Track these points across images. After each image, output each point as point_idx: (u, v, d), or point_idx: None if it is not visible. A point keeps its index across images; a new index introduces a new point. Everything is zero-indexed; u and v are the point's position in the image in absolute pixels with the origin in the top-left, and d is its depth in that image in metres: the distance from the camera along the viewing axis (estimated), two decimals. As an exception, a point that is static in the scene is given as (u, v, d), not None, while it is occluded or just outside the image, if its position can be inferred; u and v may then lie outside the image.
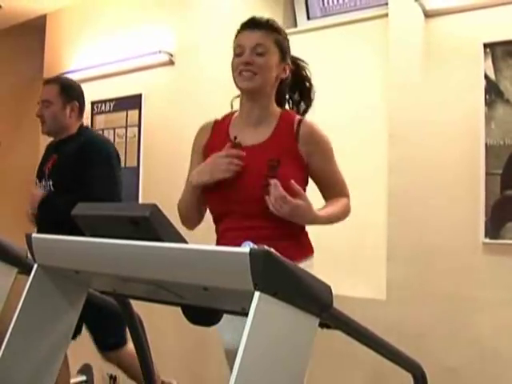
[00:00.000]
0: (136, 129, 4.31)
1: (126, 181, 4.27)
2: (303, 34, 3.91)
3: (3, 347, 1.56)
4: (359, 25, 3.46)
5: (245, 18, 3.97)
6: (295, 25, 4.08)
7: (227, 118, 2.12)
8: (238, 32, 2.02)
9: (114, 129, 4.44)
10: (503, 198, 2.69)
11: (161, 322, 3.43)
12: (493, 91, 2.72)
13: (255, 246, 1.15)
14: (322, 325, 1.37)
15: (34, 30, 5.16)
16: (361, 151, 3.33)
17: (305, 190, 1.98)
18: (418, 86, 2.95)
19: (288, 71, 2.03)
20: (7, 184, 5.33)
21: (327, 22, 3.77)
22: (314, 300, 1.19)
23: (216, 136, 2.09)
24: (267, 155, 1.94)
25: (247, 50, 1.94)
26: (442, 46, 2.88)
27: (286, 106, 2.17)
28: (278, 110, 2.05)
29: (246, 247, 1.15)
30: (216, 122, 2.14)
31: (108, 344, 2.95)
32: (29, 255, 2.07)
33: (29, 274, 2.03)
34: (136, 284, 1.44)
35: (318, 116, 2.19)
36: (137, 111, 4.30)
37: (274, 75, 1.97)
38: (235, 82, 2.00)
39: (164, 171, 4.12)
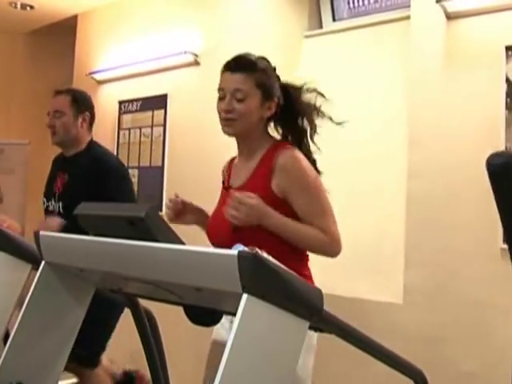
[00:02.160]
0: (161, 128, 4.36)
1: (150, 180, 4.36)
2: (328, 36, 3.92)
3: (9, 343, 1.60)
4: (382, 27, 3.44)
5: (269, 18, 4.03)
6: (321, 26, 4.07)
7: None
8: (222, 71, 1.99)
9: (140, 128, 4.49)
10: (523, 204, 2.64)
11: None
12: (514, 95, 2.68)
13: (245, 249, 1.16)
14: (316, 328, 1.38)
15: (66, 31, 5.25)
16: (381, 155, 3.31)
17: None
18: (439, 89, 2.92)
19: (274, 108, 1.98)
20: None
21: (352, 23, 3.76)
22: (303, 303, 1.19)
23: (226, 176, 2.15)
24: None
25: (227, 94, 1.93)
26: (463, 48, 2.85)
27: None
28: (269, 143, 2.01)
29: (234, 249, 1.16)
30: (231, 161, 2.17)
31: (79, 354, 2.69)
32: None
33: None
34: (137, 283, 1.47)
35: (339, 117, 2.12)
36: (162, 111, 4.35)
37: (255, 118, 1.95)
38: (221, 128, 2.01)
39: (189, 171, 4.15)
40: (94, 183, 2.79)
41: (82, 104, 3.00)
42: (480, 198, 2.79)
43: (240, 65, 1.94)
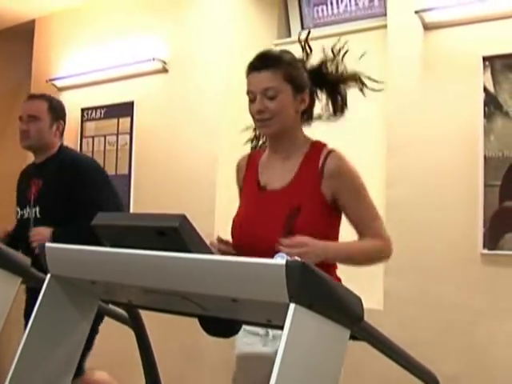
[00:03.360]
0: (127, 136, 4.28)
1: (117, 188, 4.27)
2: (297, 44, 3.93)
3: (16, 358, 1.53)
4: (356, 35, 3.47)
5: (239, 26, 4.03)
6: (289, 34, 4.09)
7: (261, 152, 2.04)
8: (247, 71, 1.92)
9: (105, 136, 4.40)
10: (502, 210, 2.72)
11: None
12: (492, 104, 2.76)
13: (289, 258, 1.15)
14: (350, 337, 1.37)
15: (22, 36, 5.10)
16: (358, 163, 3.33)
17: (332, 233, 1.91)
18: (416, 98, 2.98)
19: (307, 100, 1.93)
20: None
21: (322, 32, 3.79)
22: (347, 312, 1.19)
23: (249, 173, 2.02)
24: (288, 201, 1.85)
25: (258, 95, 1.86)
26: (441, 58, 2.91)
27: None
28: (307, 142, 1.96)
29: (281, 259, 1.14)
30: (250, 157, 2.06)
31: None
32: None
33: (33, 283, 2.01)
34: (157, 295, 1.43)
35: (313, 128, 2.14)
36: (128, 119, 4.28)
37: (291, 113, 1.89)
38: (257, 129, 1.97)
39: (156, 179, 4.10)
40: (70, 186, 2.75)
41: (58, 112, 2.94)
42: (459, 205, 2.86)
43: (265, 62, 1.87)
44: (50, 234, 2.67)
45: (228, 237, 1.93)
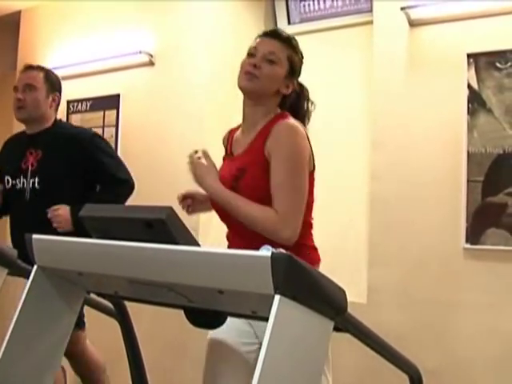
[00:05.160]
0: (113, 129, 4.27)
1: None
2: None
3: (2, 349, 1.54)
4: (342, 31, 3.50)
5: (226, 20, 4.03)
6: (276, 29, 4.10)
7: (239, 126, 2.12)
8: (258, 37, 2.00)
9: (91, 128, 4.38)
10: (484, 205, 2.76)
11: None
12: (475, 100, 2.79)
13: (274, 250, 1.16)
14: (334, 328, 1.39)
15: (8, 27, 5.06)
16: (344, 157, 3.37)
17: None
18: (401, 94, 3.00)
19: (291, 90, 1.98)
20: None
21: (309, 27, 3.81)
22: (331, 304, 1.21)
23: (229, 143, 2.12)
24: (237, 165, 1.94)
25: (259, 53, 1.92)
26: (426, 55, 2.94)
27: None
28: (274, 114, 1.98)
29: (266, 251, 1.16)
30: (231, 131, 2.15)
31: None
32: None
33: (19, 274, 2.01)
34: (143, 286, 1.44)
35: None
36: (114, 111, 4.27)
37: (274, 87, 1.94)
38: (238, 81, 1.96)
39: (141, 172, 4.07)
40: (82, 161, 2.78)
41: (55, 84, 2.93)
42: (442, 199, 2.89)
43: (279, 35, 1.97)
44: (69, 213, 2.67)
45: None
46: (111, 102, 4.27)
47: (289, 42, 1.97)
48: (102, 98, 4.33)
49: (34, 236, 1.59)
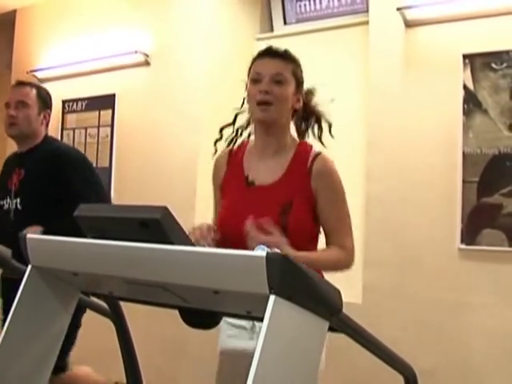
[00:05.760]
0: (109, 129, 4.27)
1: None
2: (279, 39, 3.94)
3: (-3, 349, 1.53)
4: (338, 31, 3.50)
5: (222, 21, 4.03)
6: (272, 29, 4.11)
7: (242, 148, 2.03)
8: (256, 59, 1.94)
9: (86, 128, 4.39)
10: (479, 206, 2.77)
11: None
12: (471, 101, 2.79)
13: (269, 250, 1.16)
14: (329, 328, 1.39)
15: (3, 26, 5.05)
16: (339, 157, 3.35)
17: (314, 238, 1.94)
18: (397, 95, 3.01)
19: (301, 102, 1.97)
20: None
21: (305, 27, 3.81)
22: (326, 304, 1.21)
23: (232, 169, 2.01)
24: (279, 197, 1.87)
25: (266, 77, 1.87)
26: (421, 55, 2.95)
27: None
28: (294, 141, 1.99)
29: (261, 251, 1.16)
30: (231, 153, 2.03)
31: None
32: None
33: (13, 275, 2.00)
34: (138, 286, 1.44)
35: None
36: (110, 111, 4.26)
37: (289, 106, 1.91)
38: (251, 113, 1.94)
39: (136, 172, 4.10)
40: (55, 178, 2.70)
41: (46, 101, 2.92)
42: (438, 200, 2.89)
43: (278, 53, 1.93)
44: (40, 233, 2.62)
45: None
46: (107, 101, 4.27)
47: (289, 57, 1.94)
48: (98, 97, 4.33)
49: (28, 235, 1.58)
